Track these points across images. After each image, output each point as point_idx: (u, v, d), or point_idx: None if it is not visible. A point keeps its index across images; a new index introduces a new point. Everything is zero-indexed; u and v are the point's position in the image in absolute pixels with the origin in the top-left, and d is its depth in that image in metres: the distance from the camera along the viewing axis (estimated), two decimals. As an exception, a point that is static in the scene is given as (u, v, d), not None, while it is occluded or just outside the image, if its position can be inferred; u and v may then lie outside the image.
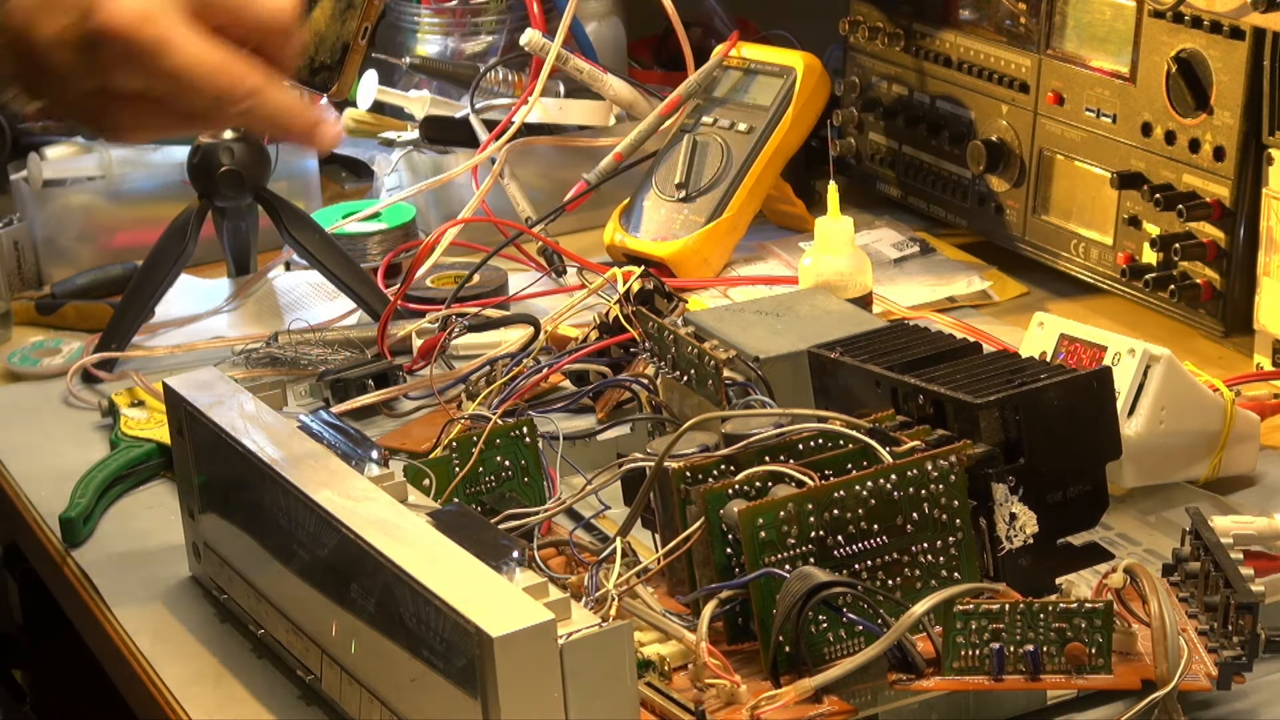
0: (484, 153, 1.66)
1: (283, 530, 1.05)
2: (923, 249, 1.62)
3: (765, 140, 1.63)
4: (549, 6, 1.77)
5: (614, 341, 1.32)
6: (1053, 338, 1.22)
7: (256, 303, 1.59)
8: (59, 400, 1.45)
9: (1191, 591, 1.01)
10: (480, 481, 1.15)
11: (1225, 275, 1.39)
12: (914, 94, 1.68)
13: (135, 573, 1.20)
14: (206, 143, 1.51)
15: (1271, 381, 1.34)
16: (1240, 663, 0.96)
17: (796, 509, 0.96)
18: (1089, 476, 1.03)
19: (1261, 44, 1.35)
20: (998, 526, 1.01)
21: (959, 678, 0.95)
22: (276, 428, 1.09)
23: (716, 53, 1.69)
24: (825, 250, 1.41)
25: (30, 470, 1.35)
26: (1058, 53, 1.53)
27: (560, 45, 1.66)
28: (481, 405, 1.24)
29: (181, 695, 1.08)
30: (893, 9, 1.69)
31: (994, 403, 1.01)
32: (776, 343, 1.22)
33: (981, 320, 1.50)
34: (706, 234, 1.60)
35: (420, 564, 0.93)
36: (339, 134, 1.15)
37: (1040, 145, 1.55)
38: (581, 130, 1.72)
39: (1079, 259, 1.52)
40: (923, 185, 1.68)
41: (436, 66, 1.79)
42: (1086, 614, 0.95)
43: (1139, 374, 1.17)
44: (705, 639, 0.95)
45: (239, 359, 1.45)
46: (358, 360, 1.41)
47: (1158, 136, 1.43)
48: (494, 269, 1.53)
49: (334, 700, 1.03)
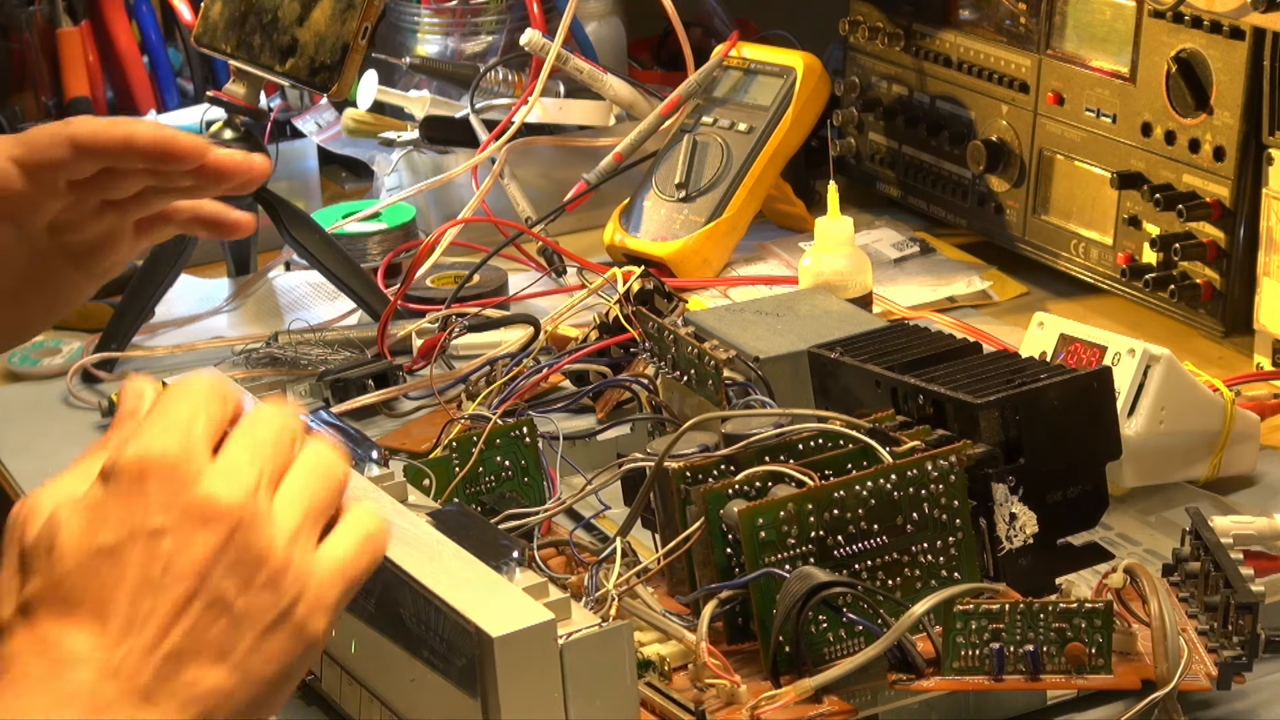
0: (484, 153, 1.66)
1: (283, 530, 1.05)
2: (923, 249, 1.62)
3: (765, 140, 1.63)
4: (549, 6, 1.77)
5: (614, 341, 1.32)
6: (1053, 338, 1.22)
7: (256, 303, 1.59)
8: (59, 400, 1.45)
9: (1191, 591, 1.01)
10: (480, 481, 1.15)
11: (1225, 275, 1.39)
12: (914, 94, 1.68)
13: (135, 573, 1.20)
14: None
15: (1271, 381, 1.34)
16: (1240, 663, 0.96)
17: (796, 509, 0.96)
18: (1089, 476, 1.03)
19: (1261, 44, 1.35)
20: (998, 526, 1.01)
21: (959, 678, 0.95)
22: (276, 428, 1.09)
23: (716, 53, 1.69)
24: (825, 250, 1.41)
25: (30, 470, 1.35)
26: (1058, 53, 1.53)
27: (560, 45, 1.66)
28: (481, 405, 1.24)
29: (181, 695, 1.07)
30: (893, 9, 1.69)
31: (994, 403, 1.01)
32: (776, 343, 1.22)
33: (981, 320, 1.50)
34: (706, 234, 1.60)
35: (420, 564, 0.93)
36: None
37: (1040, 145, 1.55)
38: (581, 130, 1.72)
39: (1079, 259, 1.52)
40: (923, 185, 1.68)
41: (436, 66, 1.79)
42: (1086, 614, 0.95)
43: (1139, 374, 1.17)
44: (705, 639, 0.95)
45: (239, 359, 1.45)
46: (358, 360, 1.41)
47: (1158, 136, 1.43)
48: (494, 269, 1.53)
49: (334, 700, 1.03)
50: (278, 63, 1.47)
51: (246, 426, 0.77)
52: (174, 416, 0.76)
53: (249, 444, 0.76)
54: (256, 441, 0.76)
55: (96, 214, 1.17)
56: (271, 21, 1.47)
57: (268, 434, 0.77)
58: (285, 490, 0.76)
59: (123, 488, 0.74)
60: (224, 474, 0.75)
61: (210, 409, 0.77)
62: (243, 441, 0.76)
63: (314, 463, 0.78)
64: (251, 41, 1.48)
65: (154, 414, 0.76)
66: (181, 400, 0.76)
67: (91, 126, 1.12)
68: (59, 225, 1.16)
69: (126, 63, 1.91)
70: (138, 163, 1.13)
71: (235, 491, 0.74)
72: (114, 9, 1.91)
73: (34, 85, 1.86)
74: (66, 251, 1.18)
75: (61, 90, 1.87)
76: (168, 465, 0.74)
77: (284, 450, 0.77)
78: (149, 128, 1.14)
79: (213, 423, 0.76)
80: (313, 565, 0.76)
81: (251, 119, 1.54)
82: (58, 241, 1.17)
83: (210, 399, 0.77)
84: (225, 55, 1.50)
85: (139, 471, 0.74)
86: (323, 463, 0.78)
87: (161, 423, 0.76)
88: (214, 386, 0.77)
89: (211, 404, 0.77)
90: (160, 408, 0.76)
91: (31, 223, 1.15)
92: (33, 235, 1.16)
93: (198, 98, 1.88)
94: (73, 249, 1.18)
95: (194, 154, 1.13)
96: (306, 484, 0.77)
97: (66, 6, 1.88)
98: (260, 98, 1.53)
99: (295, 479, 0.77)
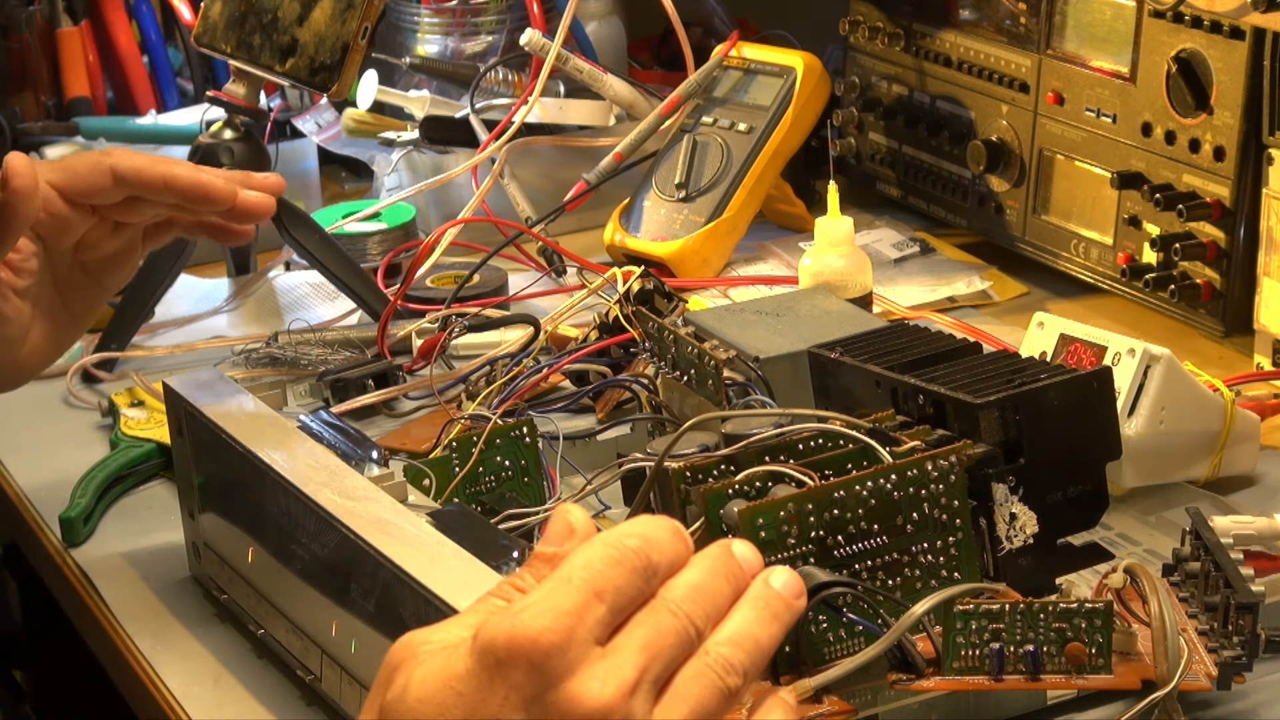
0: (484, 153, 1.66)
1: (283, 530, 1.05)
2: (923, 249, 1.62)
3: (765, 140, 1.63)
4: (549, 6, 1.77)
5: (614, 341, 1.32)
6: (1053, 338, 1.22)
7: (256, 303, 1.59)
8: (59, 400, 1.45)
9: (1191, 591, 1.01)
10: (480, 481, 1.15)
11: (1225, 275, 1.39)
12: (914, 94, 1.68)
13: (135, 573, 1.20)
14: (206, 143, 1.52)
15: (1271, 381, 1.34)
16: (1240, 663, 0.95)
17: (796, 509, 0.96)
18: (1089, 476, 1.03)
19: (1261, 44, 1.35)
20: (998, 526, 1.01)
21: (959, 678, 0.95)
22: (276, 428, 1.09)
23: (716, 53, 1.69)
24: (825, 250, 1.41)
25: (30, 470, 1.35)
26: (1058, 53, 1.53)
27: (560, 45, 1.66)
28: (481, 405, 1.24)
29: (181, 695, 1.08)
30: (893, 9, 1.69)
31: (994, 403, 1.01)
32: (776, 343, 1.22)
33: (981, 320, 1.50)
34: (706, 234, 1.60)
35: (420, 564, 0.93)
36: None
37: (1040, 145, 1.55)
38: (581, 130, 1.72)
39: (1079, 259, 1.52)
40: (923, 185, 1.68)
41: (436, 66, 1.79)
42: (1086, 614, 0.95)
43: (1139, 374, 1.17)
44: (705, 639, 0.95)
45: (239, 359, 1.45)
46: (358, 360, 1.41)
47: (1158, 136, 1.43)
48: (494, 269, 1.53)
49: (334, 700, 1.03)
50: (278, 63, 1.47)
51: (653, 610, 0.66)
52: (575, 587, 0.65)
53: (647, 636, 0.66)
54: (655, 634, 0.66)
55: (114, 232, 1.21)
56: (271, 21, 1.47)
57: (676, 624, 0.66)
58: (670, 699, 0.66)
59: (486, 668, 0.66)
60: (602, 669, 0.65)
61: (621, 588, 0.66)
62: (641, 630, 0.66)
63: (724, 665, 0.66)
64: (251, 41, 1.48)
65: (559, 576, 0.66)
66: (597, 565, 0.66)
67: (133, 162, 1.16)
68: (80, 244, 1.20)
69: (126, 63, 1.91)
70: (170, 199, 1.17)
71: (608, 692, 0.64)
72: (114, 9, 1.91)
73: (34, 85, 1.86)
74: (85, 269, 1.21)
75: (61, 90, 1.87)
76: (538, 653, 0.65)
77: (685, 645, 0.66)
78: (187, 170, 1.17)
79: (620, 600, 0.66)
80: None
81: (251, 119, 1.54)
82: (78, 260, 1.21)
83: (631, 574, 0.66)
84: (225, 55, 1.50)
85: (507, 654, 0.65)
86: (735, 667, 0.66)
87: (557, 594, 0.65)
88: (651, 546, 0.66)
89: (629, 581, 0.66)
90: (569, 568, 0.66)
91: (60, 244, 1.19)
92: (58, 255, 1.20)
93: (198, 98, 1.88)
94: (89, 266, 1.21)
95: (226, 198, 1.17)
96: (700, 696, 0.66)
97: (66, 6, 1.88)
98: (260, 98, 1.53)
99: (684, 685, 0.66)
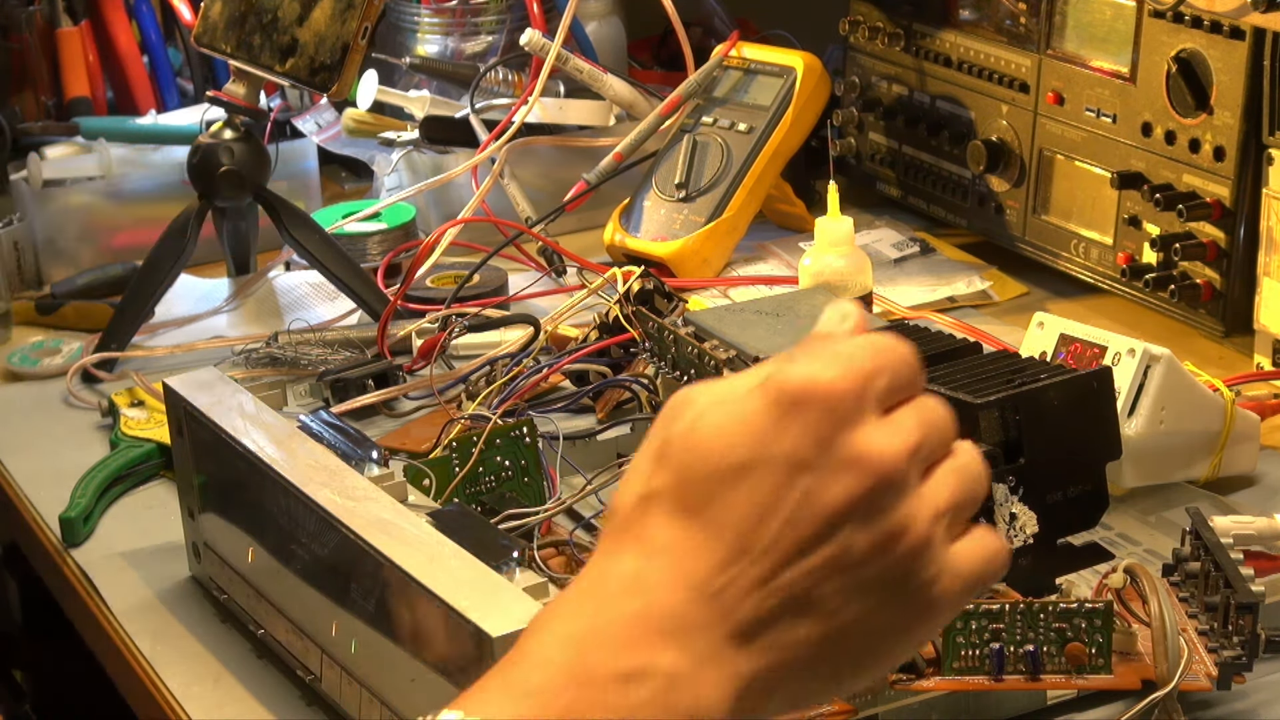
0: (484, 153, 1.66)
1: (283, 530, 1.05)
2: (923, 249, 1.62)
3: (765, 140, 1.63)
4: (549, 6, 1.77)
5: (614, 341, 1.32)
6: (1053, 338, 1.22)
7: (256, 303, 1.59)
8: (59, 400, 1.45)
9: (1191, 591, 1.01)
10: (480, 481, 1.15)
11: (1225, 275, 1.39)
12: (914, 94, 1.68)
13: (135, 573, 1.20)
14: (206, 142, 1.51)
15: (1271, 381, 1.34)
16: (1240, 663, 0.96)
17: (796, 509, 0.96)
18: (1089, 476, 1.03)
19: (1261, 44, 1.35)
20: (998, 526, 1.01)
21: (959, 678, 0.95)
22: (276, 428, 1.09)
23: (716, 53, 1.69)
24: (825, 250, 1.41)
25: (30, 470, 1.35)
26: (1058, 53, 1.53)
27: (560, 45, 1.66)
28: (481, 405, 1.24)
29: (181, 695, 1.08)
30: (893, 9, 1.69)
31: (994, 403, 1.01)
32: (776, 343, 1.22)
33: (981, 320, 1.50)
34: (706, 234, 1.60)
35: (420, 564, 0.93)
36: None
37: (1040, 145, 1.55)
38: (581, 130, 1.72)
39: (1079, 259, 1.52)
40: (923, 185, 1.68)
41: (436, 66, 1.79)
42: (1086, 614, 0.95)
43: (1139, 374, 1.17)
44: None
45: (239, 359, 1.45)
46: (358, 360, 1.41)
47: (1158, 136, 1.43)
48: (494, 269, 1.53)
49: (334, 700, 1.03)
50: (278, 63, 1.47)
51: (922, 402, 0.69)
52: (858, 357, 0.68)
53: (920, 416, 0.69)
54: (927, 418, 0.69)
55: None
56: (271, 21, 1.47)
57: (939, 418, 0.69)
58: (938, 477, 0.69)
59: (778, 407, 0.67)
60: (887, 428, 0.67)
61: (897, 372, 0.69)
62: (914, 411, 0.69)
63: (966, 464, 0.70)
64: (251, 41, 1.48)
65: (841, 344, 0.69)
66: (872, 348, 0.68)
67: None
68: None
69: (126, 63, 1.91)
70: None
71: (894, 447, 0.67)
72: (114, 9, 1.91)
73: (34, 85, 1.86)
74: None
75: (61, 90, 1.87)
76: (833, 398, 0.67)
77: (947, 440, 0.70)
78: None
79: (896, 382, 0.69)
80: (949, 557, 0.68)
81: (251, 119, 1.54)
82: None
83: (902, 364, 0.69)
84: (225, 55, 1.50)
85: (801, 395, 0.67)
86: (974, 469, 0.70)
87: (843, 355, 0.68)
88: (911, 359, 0.69)
89: (901, 369, 0.69)
90: (852, 342, 0.69)
91: None
92: None
93: (198, 98, 1.88)
94: None
95: None
96: (960, 481, 0.69)
97: (66, 6, 1.88)
98: (260, 98, 1.53)
99: (947, 471, 0.69)
